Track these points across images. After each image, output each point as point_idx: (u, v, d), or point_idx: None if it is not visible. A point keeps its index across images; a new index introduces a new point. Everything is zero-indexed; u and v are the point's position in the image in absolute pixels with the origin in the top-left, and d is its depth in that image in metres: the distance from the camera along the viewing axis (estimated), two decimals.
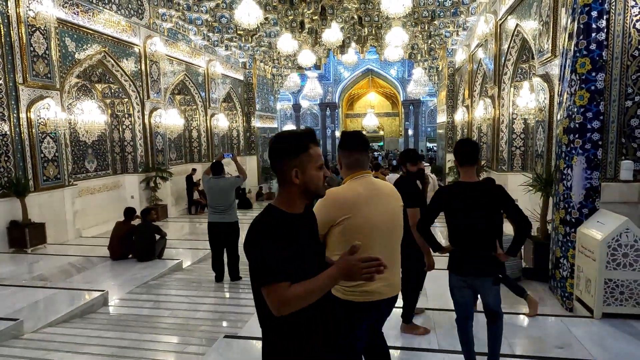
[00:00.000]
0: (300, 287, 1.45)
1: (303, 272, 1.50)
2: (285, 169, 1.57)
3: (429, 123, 29.16)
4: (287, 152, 1.58)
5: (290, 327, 1.55)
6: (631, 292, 3.90)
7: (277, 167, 1.60)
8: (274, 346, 1.59)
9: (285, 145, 1.59)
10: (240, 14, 9.27)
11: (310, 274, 1.49)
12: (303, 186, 1.58)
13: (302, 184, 1.57)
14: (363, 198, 2.18)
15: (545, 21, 6.15)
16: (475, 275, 2.91)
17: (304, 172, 1.56)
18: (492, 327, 3.05)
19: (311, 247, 1.64)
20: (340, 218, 2.12)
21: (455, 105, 15.38)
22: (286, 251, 1.48)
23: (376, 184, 2.32)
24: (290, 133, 1.63)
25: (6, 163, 7.01)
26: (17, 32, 6.97)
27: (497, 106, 9.25)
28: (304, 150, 1.57)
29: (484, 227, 2.88)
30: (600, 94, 4.15)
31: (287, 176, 1.57)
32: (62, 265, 6.25)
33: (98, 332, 4.03)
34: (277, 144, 1.61)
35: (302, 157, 1.57)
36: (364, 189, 2.22)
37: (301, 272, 1.49)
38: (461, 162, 2.93)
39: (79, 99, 9.71)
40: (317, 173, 1.60)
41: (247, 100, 17.12)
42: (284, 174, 1.58)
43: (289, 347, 1.57)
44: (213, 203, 5.61)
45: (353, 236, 2.01)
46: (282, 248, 1.47)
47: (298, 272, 1.48)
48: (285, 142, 1.59)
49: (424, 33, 12.77)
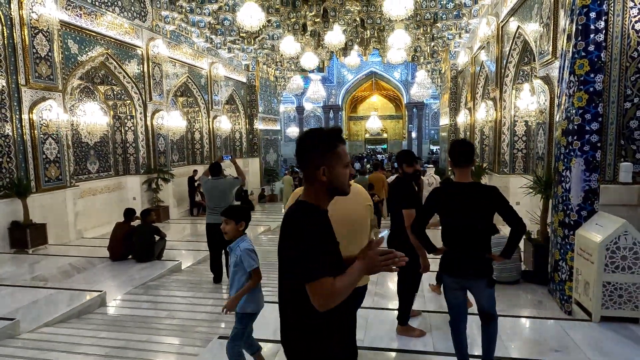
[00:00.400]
0: (340, 281, 1.50)
1: (338, 266, 1.55)
2: (313, 167, 1.59)
3: (433, 125, 29.12)
4: (315, 150, 1.60)
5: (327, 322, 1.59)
6: (630, 296, 3.85)
7: (304, 164, 1.63)
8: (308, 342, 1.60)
9: (314, 143, 1.61)
10: (242, 16, 9.31)
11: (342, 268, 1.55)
12: (330, 184, 1.60)
13: (329, 182, 1.60)
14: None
15: (546, 23, 6.12)
16: (469, 277, 2.89)
17: (331, 170, 1.59)
18: (486, 329, 3.03)
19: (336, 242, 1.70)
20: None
21: (457, 107, 15.34)
22: (327, 245, 1.53)
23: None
24: (318, 131, 1.65)
25: (8, 164, 7.06)
26: (19, 34, 7.03)
27: (499, 108, 9.21)
28: (332, 149, 1.60)
29: (480, 228, 2.87)
30: (599, 95, 4.13)
31: (314, 174, 1.59)
32: (62, 265, 6.27)
33: (94, 333, 4.04)
34: (305, 142, 1.63)
35: (330, 156, 1.60)
36: None
37: (337, 266, 1.55)
38: (457, 162, 2.91)
39: (82, 101, 9.78)
40: (344, 171, 1.63)
41: (250, 103, 17.17)
42: (311, 171, 1.60)
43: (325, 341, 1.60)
44: (211, 204, 5.62)
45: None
46: (324, 242, 1.52)
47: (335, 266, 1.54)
48: (314, 140, 1.62)
49: (427, 35, 12.76)
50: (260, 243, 9.09)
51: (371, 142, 33.20)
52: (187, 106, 13.93)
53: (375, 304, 4.67)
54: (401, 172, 3.94)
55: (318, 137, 1.62)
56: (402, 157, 3.97)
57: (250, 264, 2.98)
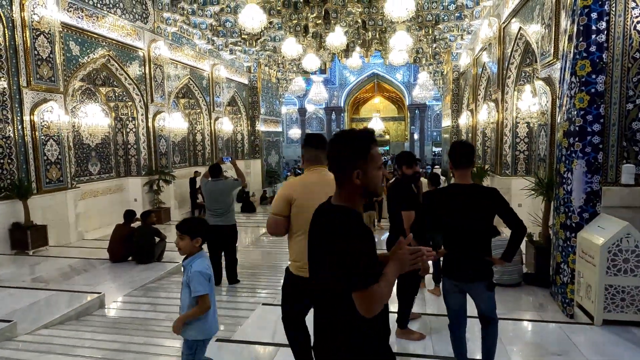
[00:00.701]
0: (384, 287, 1.48)
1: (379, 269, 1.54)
2: (347, 170, 1.57)
3: (435, 127, 29.07)
4: (349, 153, 1.57)
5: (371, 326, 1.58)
6: (632, 299, 3.81)
7: (337, 168, 1.61)
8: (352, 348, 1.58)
9: (347, 146, 1.58)
10: (244, 18, 9.30)
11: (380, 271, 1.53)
12: (364, 187, 1.58)
13: (363, 185, 1.58)
14: (312, 185, 2.61)
15: (548, 24, 6.08)
16: (468, 280, 2.86)
17: (365, 173, 1.57)
18: (486, 333, 2.99)
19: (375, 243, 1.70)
20: (296, 196, 2.61)
21: (460, 109, 15.31)
22: (372, 250, 1.52)
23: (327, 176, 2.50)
24: (351, 134, 1.62)
25: (9, 165, 7.07)
26: (21, 35, 7.05)
27: (501, 110, 9.17)
28: (366, 152, 1.57)
29: (479, 230, 2.83)
30: (601, 96, 4.09)
31: (348, 177, 1.57)
32: (62, 267, 6.27)
33: (91, 335, 4.02)
34: (338, 145, 1.60)
35: (364, 159, 1.57)
36: (315, 178, 2.66)
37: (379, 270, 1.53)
38: (458, 163, 2.87)
39: (83, 102, 9.80)
40: (378, 173, 1.61)
41: (252, 104, 17.18)
42: (344, 175, 1.58)
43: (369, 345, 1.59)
44: (211, 206, 5.60)
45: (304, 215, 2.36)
46: (369, 248, 1.50)
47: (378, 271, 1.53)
48: (347, 143, 1.59)
49: (429, 37, 12.74)
50: (262, 245, 9.07)
51: None
52: (189, 108, 13.95)
53: None
54: (400, 174, 3.91)
55: (351, 139, 1.59)
56: (401, 158, 3.95)
57: (197, 289, 2.58)
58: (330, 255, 1.51)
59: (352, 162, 1.56)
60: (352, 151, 1.57)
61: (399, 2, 8.73)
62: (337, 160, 1.60)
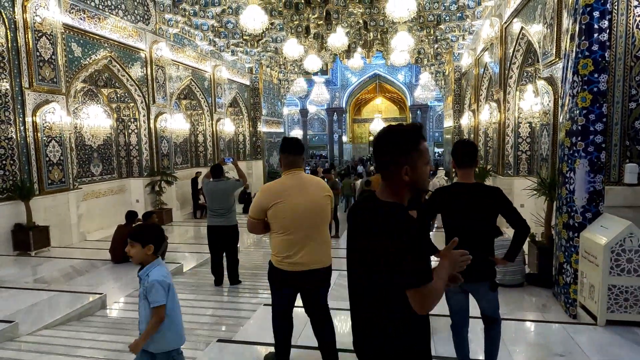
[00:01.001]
0: (439, 284, 1.48)
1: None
2: (395, 166, 1.56)
3: (437, 128, 29.00)
4: (398, 149, 1.56)
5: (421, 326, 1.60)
6: (636, 299, 3.78)
7: (385, 163, 1.59)
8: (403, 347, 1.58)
9: (397, 142, 1.57)
10: (245, 19, 9.30)
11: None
12: (412, 182, 1.57)
13: (412, 180, 1.56)
14: (289, 188, 2.78)
15: (550, 23, 6.06)
16: (470, 280, 2.83)
17: (414, 169, 1.55)
18: (489, 334, 2.97)
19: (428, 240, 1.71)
20: (271, 203, 2.76)
21: (461, 109, 15.28)
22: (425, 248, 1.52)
23: (304, 177, 2.88)
24: (400, 129, 1.60)
25: (11, 166, 7.09)
26: (23, 37, 7.07)
27: (503, 110, 9.15)
28: (415, 147, 1.56)
29: (482, 230, 2.81)
30: (603, 95, 4.07)
31: (396, 173, 1.56)
32: (64, 268, 6.28)
33: (93, 335, 4.02)
34: (387, 140, 1.59)
35: (413, 154, 1.56)
36: (292, 182, 2.82)
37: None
38: (461, 162, 2.85)
39: (85, 104, 9.81)
40: (426, 168, 1.60)
41: (254, 105, 17.20)
42: (392, 170, 1.57)
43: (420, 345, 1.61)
44: (212, 206, 5.59)
45: (281, 217, 2.73)
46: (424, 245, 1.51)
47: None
48: (396, 139, 1.58)
49: (430, 37, 12.72)
50: (264, 245, 9.05)
51: None
52: (191, 109, 13.96)
53: None
54: None
55: (400, 135, 1.57)
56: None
57: (155, 299, 2.40)
58: (383, 253, 1.48)
59: (401, 159, 1.55)
60: (401, 146, 1.56)
61: (400, 2, 8.72)
62: (385, 155, 1.58)
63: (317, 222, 2.83)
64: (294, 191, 2.75)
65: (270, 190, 2.85)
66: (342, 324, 4.21)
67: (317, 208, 2.82)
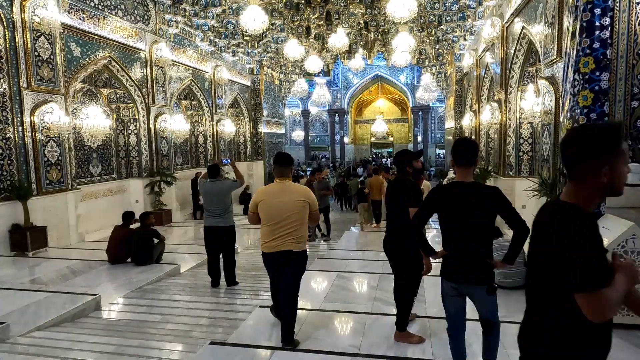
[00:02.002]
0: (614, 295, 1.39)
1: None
2: (594, 167, 1.45)
3: (438, 129, 28.91)
4: (601, 150, 1.45)
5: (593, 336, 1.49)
6: None
7: (579, 165, 1.49)
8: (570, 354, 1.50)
9: (596, 142, 1.46)
10: (246, 19, 9.26)
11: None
12: (609, 185, 1.46)
13: (609, 182, 1.46)
14: (273, 191, 3.66)
15: (551, 22, 6.00)
16: (467, 283, 2.76)
17: (614, 170, 1.45)
18: (487, 337, 2.89)
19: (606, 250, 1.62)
20: (259, 200, 3.66)
21: (463, 110, 15.20)
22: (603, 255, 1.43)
23: (287, 184, 3.68)
24: (600, 127, 1.52)
25: (9, 167, 7.06)
26: (22, 37, 7.05)
27: (504, 110, 9.08)
28: (618, 147, 1.45)
29: (480, 230, 2.73)
30: (605, 94, 3.99)
31: (591, 174, 1.46)
32: (60, 269, 6.23)
33: (85, 337, 3.96)
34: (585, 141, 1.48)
35: (616, 155, 1.46)
36: (278, 187, 3.67)
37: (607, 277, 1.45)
38: (460, 161, 2.77)
39: (84, 104, 9.79)
40: (625, 170, 1.49)
41: (254, 106, 17.16)
42: (589, 172, 1.46)
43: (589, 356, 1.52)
44: (209, 207, 5.54)
45: (264, 211, 3.62)
46: (601, 251, 1.43)
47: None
48: (595, 139, 1.47)
49: (431, 38, 12.66)
50: None
51: (377, 145, 33.04)
52: (191, 109, 13.93)
53: (374, 309, 4.55)
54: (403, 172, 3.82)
55: (601, 135, 1.47)
56: (407, 154, 3.82)
57: None
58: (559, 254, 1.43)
59: (601, 160, 1.44)
60: (602, 148, 1.45)
61: (401, 2, 8.66)
62: (586, 157, 1.47)
63: (289, 217, 3.57)
64: (276, 193, 3.63)
65: (261, 191, 3.78)
66: (342, 326, 4.14)
67: (289, 207, 3.58)
